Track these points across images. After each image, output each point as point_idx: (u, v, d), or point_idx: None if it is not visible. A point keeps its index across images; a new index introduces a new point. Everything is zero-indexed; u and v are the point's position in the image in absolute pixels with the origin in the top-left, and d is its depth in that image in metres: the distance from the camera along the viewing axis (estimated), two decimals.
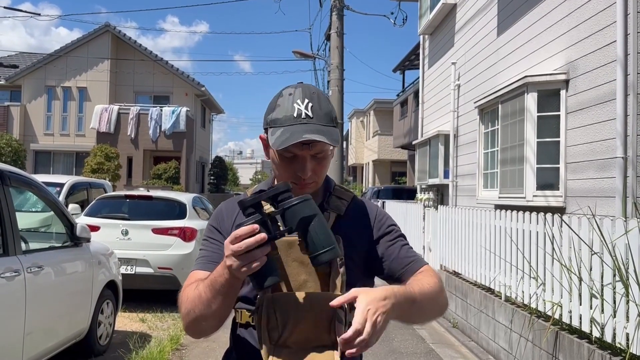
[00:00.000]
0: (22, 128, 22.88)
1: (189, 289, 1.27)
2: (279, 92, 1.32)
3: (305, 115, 1.25)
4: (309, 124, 1.24)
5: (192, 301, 1.23)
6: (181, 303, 1.28)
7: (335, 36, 12.44)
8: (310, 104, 1.26)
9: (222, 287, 1.16)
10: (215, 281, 1.17)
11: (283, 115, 1.26)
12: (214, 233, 1.39)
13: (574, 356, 3.62)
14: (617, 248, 3.37)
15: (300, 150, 1.26)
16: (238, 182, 51.56)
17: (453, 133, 10.10)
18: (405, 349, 5.26)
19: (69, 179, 9.15)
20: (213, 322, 1.24)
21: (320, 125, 1.25)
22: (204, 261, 1.34)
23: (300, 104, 1.26)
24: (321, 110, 1.27)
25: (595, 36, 5.53)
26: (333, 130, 1.27)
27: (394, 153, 25.49)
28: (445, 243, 7.07)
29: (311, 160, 1.28)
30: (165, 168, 21.44)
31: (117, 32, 23.82)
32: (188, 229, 6.88)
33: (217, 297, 1.18)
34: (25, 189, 4.31)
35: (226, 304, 1.21)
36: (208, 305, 1.19)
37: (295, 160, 1.28)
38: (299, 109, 1.25)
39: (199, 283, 1.24)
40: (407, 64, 21.41)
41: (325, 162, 1.32)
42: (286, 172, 1.30)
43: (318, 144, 1.25)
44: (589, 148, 5.58)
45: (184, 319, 1.27)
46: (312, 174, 1.29)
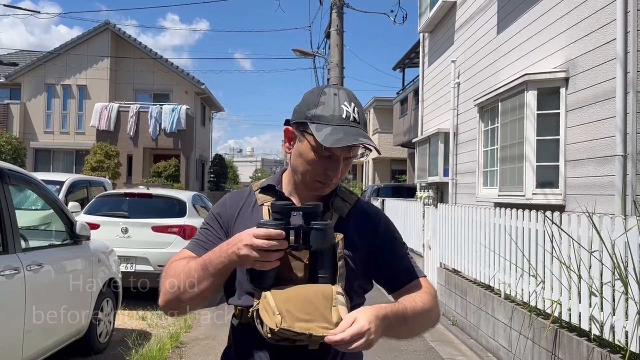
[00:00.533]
0: (22, 126, 22.87)
1: (177, 263, 1.30)
2: (318, 88, 1.34)
3: (353, 118, 1.28)
4: (358, 128, 1.28)
5: (178, 276, 1.26)
6: (165, 275, 1.30)
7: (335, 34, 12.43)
8: (357, 109, 1.30)
9: (217, 271, 1.21)
10: (211, 263, 1.21)
11: (330, 114, 1.27)
12: (213, 221, 1.41)
13: (573, 354, 3.63)
14: (617, 246, 3.37)
15: (340, 152, 1.28)
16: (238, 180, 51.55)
17: (453, 131, 10.10)
18: (404, 347, 5.26)
19: (68, 177, 9.15)
20: (193, 302, 1.27)
21: (364, 131, 1.30)
22: (196, 244, 1.37)
23: (348, 106, 1.28)
24: (363, 117, 1.32)
25: (595, 34, 5.52)
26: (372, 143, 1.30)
27: (394, 151, 25.47)
28: (445, 241, 7.08)
29: (342, 162, 1.31)
30: (165, 166, 21.43)
31: (116, 30, 23.79)
32: (188, 227, 6.88)
33: (208, 278, 1.22)
34: (25, 187, 4.31)
35: (213, 286, 1.25)
36: (197, 283, 1.23)
37: (329, 160, 1.29)
38: (347, 111, 1.28)
39: (189, 260, 1.28)
40: (407, 61, 21.39)
41: (349, 164, 1.35)
42: (316, 169, 1.31)
43: (356, 148, 1.29)
44: (588, 146, 5.58)
45: (164, 294, 1.29)
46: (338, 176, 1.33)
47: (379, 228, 1.40)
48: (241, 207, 1.39)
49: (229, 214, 1.39)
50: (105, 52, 23.29)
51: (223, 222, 1.39)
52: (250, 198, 1.42)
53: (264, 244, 1.12)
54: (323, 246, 1.21)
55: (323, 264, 1.22)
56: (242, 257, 1.14)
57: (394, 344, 5.35)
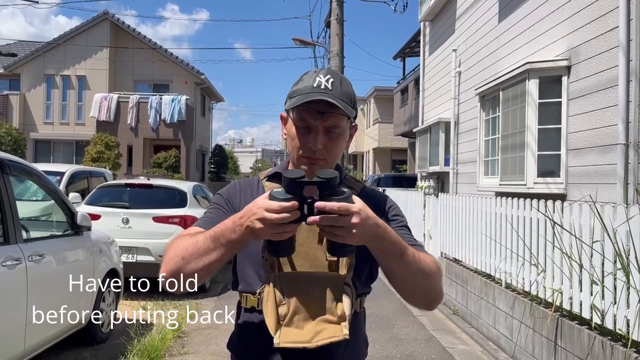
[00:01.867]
0: (21, 117, 22.83)
1: (183, 237, 1.26)
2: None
3: (324, 87, 1.27)
4: (327, 94, 1.26)
5: (185, 247, 1.21)
6: (168, 248, 1.26)
7: (335, 23, 12.35)
8: (332, 80, 1.28)
9: (229, 242, 1.16)
10: (223, 235, 1.17)
11: (304, 87, 1.29)
12: (223, 202, 1.40)
13: (574, 342, 3.64)
14: (619, 235, 3.36)
15: (314, 120, 1.27)
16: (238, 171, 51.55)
17: (454, 120, 10.06)
18: (405, 336, 5.28)
19: (69, 167, 9.15)
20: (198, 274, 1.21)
21: (338, 99, 1.26)
22: (207, 221, 1.34)
23: (322, 77, 1.28)
24: (341, 88, 1.29)
25: (597, 22, 5.48)
26: (349, 107, 1.28)
27: (395, 141, 25.44)
28: (445, 230, 7.08)
29: (324, 135, 1.29)
30: (166, 157, 21.42)
31: (115, 20, 23.67)
32: (189, 217, 6.89)
33: (219, 249, 1.18)
34: (26, 178, 4.31)
35: (222, 258, 1.20)
36: (204, 253, 1.19)
37: (309, 133, 1.29)
38: (319, 81, 1.28)
39: (196, 234, 1.24)
40: (408, 51, 21.28)
41: (338, 141, 1.32)
42: (298, 143, 1.31)
43: (332, 117, 1.27)
44: (590, 134, 5.56)
45: (167, 264, 1.23)
46: (322, 150, 1.29)
47: (383, 211, 1.40)
48: (250, 194, 1.39)
49: (238, 199, 1.39)
50: (104, 42, 23.18)
51: (233, 206, 1.38)
52: (257, 186, 1.43)
53: (276, 218, 1.07)
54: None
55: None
56: (258, 230, 1.10)
57: (395, 333, 5.37)
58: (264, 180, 1.42)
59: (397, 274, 1.24)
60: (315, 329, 1.21)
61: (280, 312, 1.22)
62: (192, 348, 4.76)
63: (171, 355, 4.56)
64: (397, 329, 5.51)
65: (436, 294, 1.32)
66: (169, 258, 1.24)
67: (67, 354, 4.43)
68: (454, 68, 10.05)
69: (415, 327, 5.65)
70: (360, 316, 1.38)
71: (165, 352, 4.59)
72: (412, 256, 1.22)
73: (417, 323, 5.80)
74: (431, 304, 1.35)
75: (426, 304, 1.35)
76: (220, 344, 4.67)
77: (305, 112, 1.27)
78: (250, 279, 1.32)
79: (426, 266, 1.26)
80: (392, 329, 5.49)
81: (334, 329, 1.21)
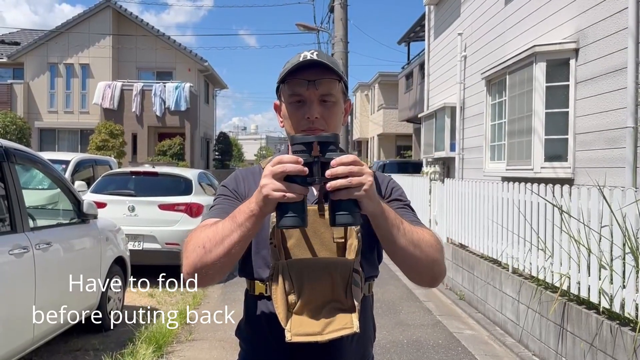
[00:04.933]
0: (25, 106, 22.83)
1: (202, 229, 1.23)
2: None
3: (310, 57, 1.25)
4: (310, 60, 1.25)
5: (206, 236, 1.18)
6: (187, 243, 1.23)
7: (339, 8, 12.23)
8: (317, 53, 1.28)
9: (246, 219, 1.13)
10: (240, 212, 1.14)
11: (289, 64, 1.28)
12: (228, 192, 1.39)
13: (582, 326, 3.63)
14: (628, 219, 3.33)
15: (307, 91, 1.26)
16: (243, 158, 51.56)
17: (459, 105, 9.99)
18: (412, 321, 5.29)
19: (74, 156, 9.16)
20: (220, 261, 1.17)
21: (325, 62, 1.26)
22: (218, 211, 1.31)
23: (307, 52, 1.28)
24: (326, 57, 1.29)
25: (605, 3, 5.40)
26: (337, 70, 1.27)
27: (399, 127, 25.32)
28: (451, 216, 7.06)
29: (319, 105, 1.27)
30: (170, 144, 21.42)
31: (118, 8, 23.55)
32: (194, 205, 6.89)
33: (237, 230, 1.14)
34: (32, 167, 4.31)
35: (242, 239, 1.16)
36: (225, 238, 1.15)
37: (304, 105, 1.28)
38: (304, 55, 1.27)
39: (215, 223, 1.20)
40: (412, 35, 21.11)
41: (335, 109, 1.30)
42: (294, 118, 1.29)
43: (324, 83, 1.26)
44: (598, 118, 5.50)
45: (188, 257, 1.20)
46: (320, 119, 1.27)
47: (386, 190, 1.41)
48: (252, 183, 1.39)
49: (242, 188, 1.39)
50: (107, 30, 23.08)
51: (240, 195, 1.37)
52: (259, 174, 1.41)
53: (278, 170, 1.06)
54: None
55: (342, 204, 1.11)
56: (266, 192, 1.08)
57: (402, 318, 5.38)
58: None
59: (398, 247, 1.20)
60: (326, 319, 1.20)
61: (289, 301, 1.21)
62: (199, 335, 4.78)
63: (179, 342, 4.59)
64: (404, 315, 5.51)
65: (439, 269, 1.28)
66: (190, 251, 1.20)
67: (76, 340, 4.47)
68: (460, 52, 9.95)
69: (422, 312, 5.66)
70: (368, 300, 1.38)
71: (173, 339, 4.62)
72: (410, 228, 1.21)
73: (424, 308, 5.80)
74: (435, 279, 1.31)
75: (429, 280, 1.31)
76: (228, 330, 4.69)
77: (296, 85, 1.26)
78: (258, 266, 1.31)
79: (424, 238, 1.23)
80: (398, 315, 5.50)
81: (344, 319, 1.20)
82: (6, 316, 3.22)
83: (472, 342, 4.75)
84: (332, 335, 1.19)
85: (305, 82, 1.25)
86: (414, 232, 1.22)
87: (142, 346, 4.16)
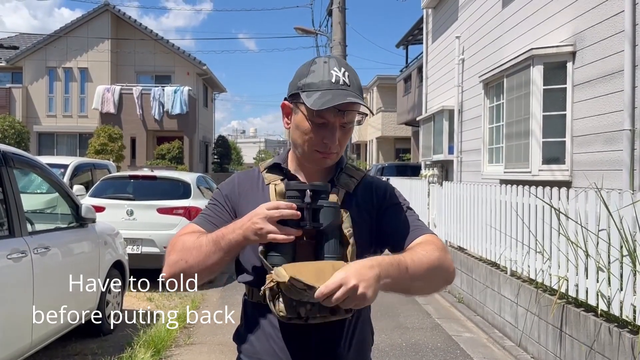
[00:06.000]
0: (24, 110, 22.83)
1: (187, 237, 1.29)
2: (309, 61, 1.33)
3: (343, 82, 1.26)
4: (348, 91, 1.25)
5: (189, 250, 1.25)
6: (172, 249, 1.29)
7: (337, 11, 12.27)
8: (347, 73, 1.28)
9: (229, 246, 1.21)
10: (224, 238, 1.22)
11: (319, 80, 1.26)
12: (221, 199, 1.40)
13: (580, 329, 3.63)
14: (625, 222, 3.34)
15: (333, 117, 1.27)
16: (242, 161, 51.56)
17: (458, 108, 10.01)
18: (411, 324, 5.29)
19: (73, 160, 9.17)
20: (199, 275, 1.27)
21: (358, 95, 1.27)
22: (204, 219, 1.37)
23: (337, 70, 1.27)
24: (356, 81, 1.30)
25: (602, 6, 5.42)
26: (364, 102, 1.29)
27: (398, 130, 25.33)
28: (450, 219, 7.07)
29: (339, 129, 1.29)
30: (169, 148, 21.43)
31: (116, 12, 23.58)
32: (193, 209, 6.89)
33: (218, 253, 1.23)
34: (30, 171, 4.31)
35: (222, 262, 1.25)
36: (206, 257, 1.23)
37: (325, 128, 1.28)
38: (337, 76, 1.26)
39: (200, 235, 1.27)
40: (411, 38, 21.16)
41: (350, 134, 1.34)
42: (314, 139, 1.30)
43: (350, 113, 1.27)
44: (595, 121, 5.52)
45: (171, 266, 1.28)
46: (337, 144, 1.30)
47: (384, 198, 1.40)
48: (249, 187, 1.39)
49: (236, 193, 1.39)
50: (106, 34, 23.11)
51: (231, 202, 1.39)
52: (257, 178, 1.42)
53: (276, 213, 1.15)
54: (334, 223, 1.22)
55: (329, 245, 1.22)
56: (258, 229, 1.16)
57: (400, 321, 5.38)
58: (264, 172, 1.41)
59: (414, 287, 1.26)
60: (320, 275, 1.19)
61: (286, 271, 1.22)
62: (198, 339, 4.78)
63: (177, 346, 4.58)
64: (403, 318, 5.51)
65: (449, 271, 1.31)
66: (173, 261, 1.28)
67: (74, 345, 4.46)
68: (458, 55, 9.98)
69: (421, 315, 5.66)
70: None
71: (172, 343, 4.61)
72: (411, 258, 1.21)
73: (422, 311, 5.80)
74: (448, 283, 1.37)
75: (444, 286, 1.38)
76: (227, 334, 4.69)
77: (326, 110, 1.25)
78: (256, 273, 1.31)
79: (428, 257, 1.24)
80: (397, 318, 5.50)
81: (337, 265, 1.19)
82: (4, 321, 3.21)
83: (471, 345, 4.75)
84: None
85: (335, 110, 1.25)
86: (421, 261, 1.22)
87: (140, 350, 4.16)
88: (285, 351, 1.27)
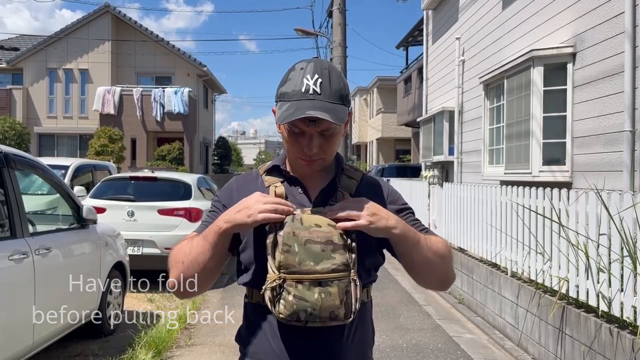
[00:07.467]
0: (25, 111, 22.85)
1: (184, 242, 1.35)
2: (292, 66, 1.32)
3: (313, 91, 1.24)
4: (315, 100, 1.23)
5: (184, 252, 1.31)
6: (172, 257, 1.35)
7: (337, 13, 12.28)
8: (320, 80, 1.25)
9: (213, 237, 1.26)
10: (209, 232, 1.27)
11: (292, 90, 1.26)
12: (220, 206, 1.41)
13: (580, 330, 3.64)
14: (625, 222, 3.35)
15: (306, 127, 1.26)
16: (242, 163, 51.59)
17: (458, 109, 10.02)
18: (411, 325, 5.30)
19: (73, 161, 9.17)
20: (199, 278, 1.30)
21: (327, 102, 1.23)
22: (202, 228, 1.39)
23: (310, 79, 1.25)
24: (330, 88, 1.26)
25: (602, 7, 5.43)
26: (340, 108, 1.25)
27: (398, 131, 25.35)
28: (450, 220, 7.07)
29: (318, 137, 1.28)
30: (169, 149, 21.44)
31: (117, 13, 23.61)
32: (194, 210, 6.90)
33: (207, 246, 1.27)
34: (31, 172, 4.31)
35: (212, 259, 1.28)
36: (198, 254, 1.28)
37: (303, 136, 1.28)
38: (307, 84, 1.24)
39: (193, 237, 1.33)
40: (411, 40, 21.18)
41: (333, 140, 1.31)
42: (293, 147, 1.31)
43: (324, 121, 1.24)
44: (596, 122, 5.52)
45: (171, 273, 1.33)
46: (319, 151, 1.29)
47: (388, 198, 1.41)
48: (248, 191, 1.37)
49: (234, 201, 1.35)
50: (106, 35, 23.14)
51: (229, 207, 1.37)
52: (256, 181, 1.41)
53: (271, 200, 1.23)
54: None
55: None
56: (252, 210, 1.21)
57: (401, 322, 5.38)
58: (264, 175, 1.41)
59: (416, 262, 1.30)
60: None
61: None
62: (199, 339, 4.78)
63: (178, 347, 4.58)
64: (403, 319, 5.52)
65: (451, 275, 1.39)
66: (172, 265, 1.33)
67: (75, 346, 4.47)
68: (458, 57, 9.99)
69: (421, 316, 5.66)
70: (367, 305, 1.39)
71: (173, 344, 4.61)
72: (426, 242, 1.30)
73: (423, 312, 5.81)
74: (447, 284, 1.41)
75: (442, 286, 1.42)
76: (227, 335, 4.69)
77: (296, 120, 1.24)
78: (256, 274, 1.31)
79: (439, 250, 1.32)
80: (398, 319, 5.50)
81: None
82: (6, 322, 3.22)
83: (472, 346, 4.75)
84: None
85: (306, 120, 1.24)
86: (431, 247, 1.30)
87: (141, 351, 4.16)
88: (285, 352, 1.28)
